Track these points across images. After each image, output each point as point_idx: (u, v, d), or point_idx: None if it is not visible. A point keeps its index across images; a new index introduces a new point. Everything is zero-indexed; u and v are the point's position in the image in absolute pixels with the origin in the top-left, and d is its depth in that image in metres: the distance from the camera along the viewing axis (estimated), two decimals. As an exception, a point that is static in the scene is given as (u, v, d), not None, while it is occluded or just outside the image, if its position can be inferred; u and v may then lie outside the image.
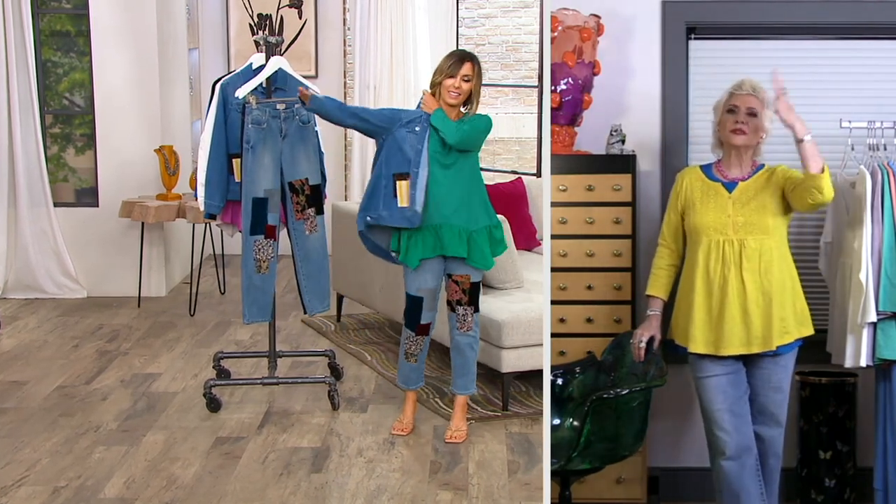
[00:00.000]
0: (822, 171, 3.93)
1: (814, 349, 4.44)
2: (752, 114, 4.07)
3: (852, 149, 4.35)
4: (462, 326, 5.03)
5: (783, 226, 4.10)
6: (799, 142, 3.94)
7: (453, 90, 4.86)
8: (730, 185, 4.11)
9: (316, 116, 5.43)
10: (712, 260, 4.06)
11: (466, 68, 4.86)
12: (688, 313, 4.13)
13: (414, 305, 5.02)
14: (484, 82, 5.04)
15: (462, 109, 4.95)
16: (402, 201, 4.86)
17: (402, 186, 4.87)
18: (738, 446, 4.08)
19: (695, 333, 4.09)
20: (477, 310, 5.04)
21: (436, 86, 4.90)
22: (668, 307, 4.28)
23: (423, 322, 5.04)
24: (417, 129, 4.89)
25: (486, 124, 4.91)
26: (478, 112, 4.97)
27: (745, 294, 4.03)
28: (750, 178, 4.12)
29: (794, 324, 4.08)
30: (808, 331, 4.12)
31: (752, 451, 4.10)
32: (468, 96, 4.90)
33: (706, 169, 4.20)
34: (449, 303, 5.05)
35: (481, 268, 4.97)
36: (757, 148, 4.15)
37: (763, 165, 4.16)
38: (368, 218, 4.94)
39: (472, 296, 4.99)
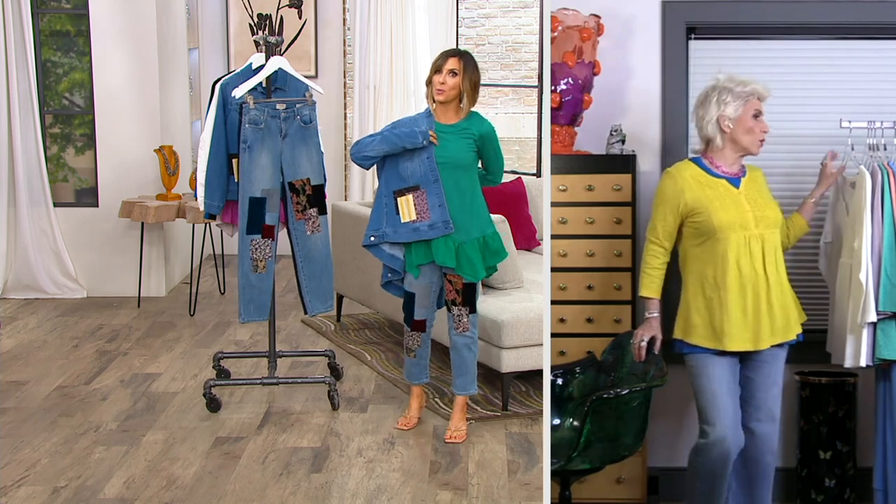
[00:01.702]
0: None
1: (814, 349, 4.44)
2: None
3: (852, 149, 4.35)
4: (458, 327, 5.04)
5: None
6: (810, 199, 4.31)
7: (439, 86, 4.86)
8: (734, 181, 4.14)
9: (318, 115, 5.44)
10: (742, 256, 4.07)
11: (451, 63, 4.86)
12: (719, 311, 4.09)
13: (407, 300, 5.08)
14: (484, 82, 5.04)
15: (461, 105, 4.94)
16: (406, 216, 4.91)
17: (403, 203, 4.91)
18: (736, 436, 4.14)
19: (731, 331, 4.07)
20: (473, 311, 5.03)
21: (429, 86, 4.92)
22: (666, 306, 4.28)
23: (417, 318, 5.08)
24: (408, 145, 4.90)
25: (492, 133, 4.98)
26: (474, 111, 4.98)
27: (768, 288, 4.09)
28: (746, 174, 4.19)
29: (802, 311, 4.24)
30: (805, 318, 4.28)
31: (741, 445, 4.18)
32: (459, 93, 4.89)
33: (700, 163, 4.19)
34: (446, 302, 5.07)
35: (471, 279, 4.97)
36: None
37: (744, 164, 4.24)
38: (372, 237, 5.00)
39: (465, 297, 4.99)
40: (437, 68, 4.88)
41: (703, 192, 4.11)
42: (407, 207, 4.91)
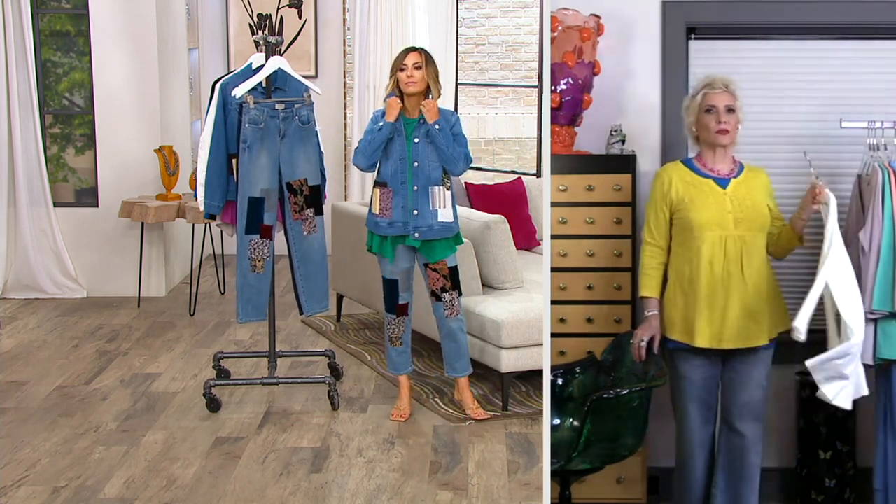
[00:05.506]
0: None
1: (813, 349, 4.43)
2: (731, 110, 4.12)
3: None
4: (451, 312, 5.21)
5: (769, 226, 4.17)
6: (798, 220, 4.13)
7: (407, 80, 5.04)
8: (722, 182, 4.13)
9: (316, 116, 5.45)
10: (716, 256, 4.07)
11: (412, 57, 5.07)
12: (692, 308, 4.11)
13: (390, 288, 5.24)
14: (484, 82, 5.11)
15: (429, 97, 5.11)
16: (373, 207, 5.21)
17: (374, 194, 5.21)
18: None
19: (699, 328, 4.09)
20: (461, 293, 5.24)
21: (395, 86, 5.10)
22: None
23: (401, 303, 5.25)
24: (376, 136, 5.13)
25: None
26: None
27: (742, 290, 4.06)
28: (739, 175, 4.16)
29: (785, 317, 4.17)
30: (789, 324, 4.17)
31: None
32: (426, 85, 5.06)
33: (689, 164, 4.21)
34: (433, 293, 5.18)
35: (449, 257, 5.19)
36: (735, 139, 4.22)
37: (742, 164, 4.20)
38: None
39: (453, 280, 5.20)
40: (400, 68, 5.05)
41: (688, 190, 4.14)
42: (374, 200, 5.20)
